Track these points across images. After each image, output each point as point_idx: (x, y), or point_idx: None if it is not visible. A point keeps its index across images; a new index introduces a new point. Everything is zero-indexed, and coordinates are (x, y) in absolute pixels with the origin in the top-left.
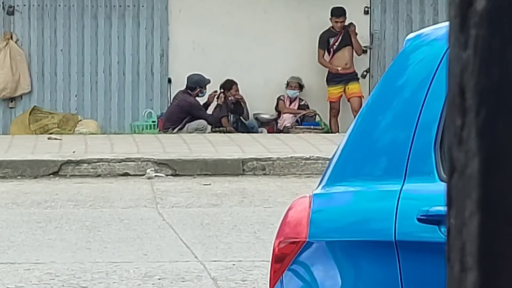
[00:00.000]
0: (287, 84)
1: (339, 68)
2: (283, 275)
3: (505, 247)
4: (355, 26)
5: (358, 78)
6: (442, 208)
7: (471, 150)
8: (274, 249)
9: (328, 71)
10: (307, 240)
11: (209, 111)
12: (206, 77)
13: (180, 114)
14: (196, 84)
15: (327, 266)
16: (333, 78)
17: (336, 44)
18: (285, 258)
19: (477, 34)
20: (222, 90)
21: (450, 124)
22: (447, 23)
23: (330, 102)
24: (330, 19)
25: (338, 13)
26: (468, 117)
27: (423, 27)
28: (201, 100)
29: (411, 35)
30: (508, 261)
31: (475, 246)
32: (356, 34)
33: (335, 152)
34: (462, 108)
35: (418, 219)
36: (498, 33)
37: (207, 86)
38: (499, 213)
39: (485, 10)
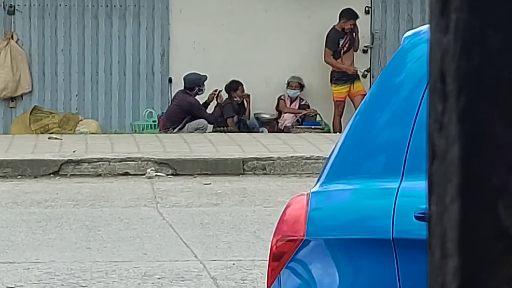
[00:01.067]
0: (288, 84)
1: (358, 68)
2: (281, 273)
3: (486, 233)
4: (357, 26)
5: (359, 77)
6: None
7: (451, 135)
8: (271, 247)
9: (333, 70)
10: (305, 238)
11: (209, 110)
12: (202, 74)
13: (180, 114)
14: (193, 84)
15: (325, 264)
16: (341, 77)
17: (346, 46)
18: (282, 256)
19: (457, 18)
20: (221, 90)
21: (431, 110)
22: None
23: (337, 101)
24: (342, 20)
25: (353, 16)
26: (448, 102)
27: None
28: (201, 99)
29: (409, 32)
30: (489, 247)
31: (456, 232)
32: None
33: (333, 150)
34: (443, 93)
35: (416, 217)
36: (479, 17)
37: (205, 83)
38: (480, 199)
39: None
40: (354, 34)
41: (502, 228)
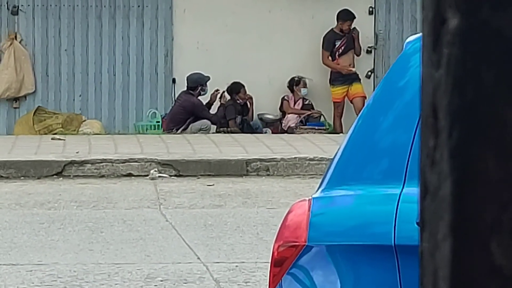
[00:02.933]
0: (299, 83)
1: (354, 69)
2: (282, 279)
3: (479, 272)
4: (358, 31)
5: (360, 79)
6: None
7: (443, 171)
8: (273, 253)
9: (331, 72)
10: (307, 244)
11: (213, 110)
12: (205, 74)
13: (184, 115)
14: (196, 83)
15: (327, 270)
16: (338, 78)
17: (342, 47)
18: (284, 262)
19: (449, 53)
20: (223, 91)
21: (423, 145)
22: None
23: (335, 102)
24: (339, 22)
25: (349, 17)
26: (440, 138)
27: None
28: (204, 99)
29: (411, 37)
30: (482, 286)
31: (448, 270)
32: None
33: (335, 155)
34: (434, 128)
35: (418, 223)
36: (471, 52)
37: (207, 83)
38: (472, 237)
39: (458, 29)
40: (352, 35)
41: (495, 266)
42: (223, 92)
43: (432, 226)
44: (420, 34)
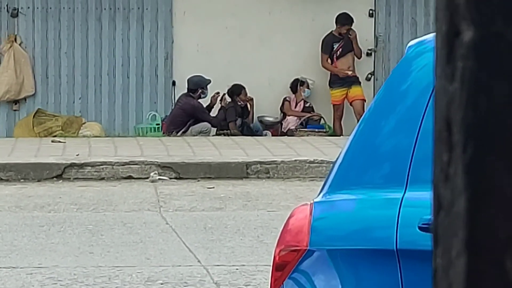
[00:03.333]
0: (302, 84)
1: (350, 73)
2: (284, 283)
3: None
4: (355, 32)
5: (360, 82)
6: None
7: (457, 187)
8: (274, 257)
9: (330, 74)
10: (308, 248)
11: (213, 113)
12: (206, 77)
13: (184, 117)
14: (197, 85)
15: (328, 274)
16: (336, 81)
17: (340, 50)
18: (286, 266)
19: (464, 66)
20: (223, 93)
21: (436, 159)
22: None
23: (334, 104)
24: (337, 25)
25: (347, 21)
26: (454, 153)
27: (428, 30)
28: (204, 102)
29: (413, 41)
30: None
31: (462, 287)
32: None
33: (337, 159)
34: (448, 142)
35: (420, 228)
36: (486, 66)
37: (208, 87)
38: (486, 253)
39: (472, 42)
40: (350, 39)
41: (510, 282)
42: (224, 94)
43: (446, 242)
44: (421, 38)
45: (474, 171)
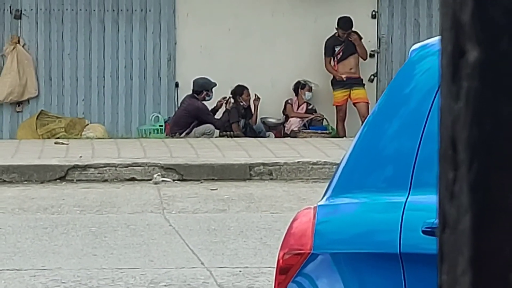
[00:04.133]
0: (303, 87)
1: (344, 77)
2: (288, 287)
3: None
4: (357, 34)
5: (364, 84)
6: None
7: (463, 205)
8: (278, 261)
9: (333, 76)
10: (312, 251)
11: (217, 116)
12: (212, 80)
13: (188, 119)
14: (202, 87)
15: (332, 278)
16: (338, 82)
17: (341, 53)
18: (289, 270)
19: (469, 85)
20: (230, 96)
21: (441, 177)
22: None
23: (336, 106)
24: (338, 29)
25: (345, 26)
26: (460, 171)
27: (431, 31)
28: (209, 105)
29: (417, 45)
30: None
31: None
32: (361, 38)
33: (341, 162)
34: (454, 161)
35: (423, 231)
36: (491, 85)
37: (213, 90)
38: (491, 272)
39: (478, 61)
40: (351, 41)
41: None
42: (229, 98)
43: (451, 259)
44: (425, 42)
45: (479, 189)
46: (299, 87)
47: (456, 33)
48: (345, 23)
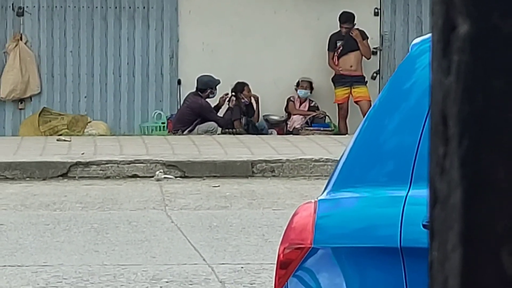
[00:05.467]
0: (298, 84)
1: (341, 69)
2: (288, 281)
3: (489, 282)
4: (358, 30)
5: (366, 82)
6: None
7: (453, 180)
8: (279, 255)
9: (334, 73)
10: (312, 246)
11: (220, 113)
12: (216, 77)
13: (191, 116)
14: (206, 85)
15: (332, 272)
16: (339, 79)
17: (341, 48)
18: (290, 264)
19: (460, 59)
20: (233, 94)
21: (432, 153)
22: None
23: (338, 104)
24: (340, 24)
25: (343, 19)
26: (450, 146)
27: None
28: (212, 102)
29: (417, 39)
30: None
31: (458, 280)
32: (367, 38)
33: (341, 157)
34: (444, 136)
35: (424, 226)
36: (482, 59)
37: (217, 87)
38: (482, 247)
39: (468, 35)
40: (353, 37)
41: (506, 276)
42: (232, 95)
43: (441, 235)
44: (426, 36)
45: (470, 164)
46: (297, 84)
47: (447, 7)
48: (345, 16)
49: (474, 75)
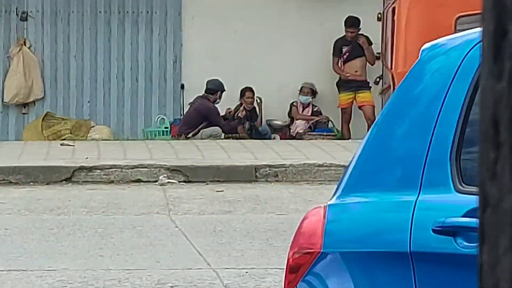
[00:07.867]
0: (300, 90)
1: (348, 75)
2: (298, 286)
3: None
4: (366, 37)
5: (370, 87)
6: (458, 219)
7: (505, 185)
8: (288, 260)
9: (339, 78)
10: (322, 250)
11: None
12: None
13: (198, 119)
14: (218, 87)
15: (342, 277)
16: (343, 84)
17: (347, 54)
18: (299, 269)
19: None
20: (240, 105)
21: (482, 158)
22: (462, 33)
23: (341, 108)
24: (345, 28)
25: (349, 23)
26: (502, 151)
27: None
28: (220, 111)
29: (427, 44)
30: None
31: (509, 284)
32: (371, 43)
33: (350, 162)
34: (495, 141)
35: (434, 230)
36: None
37: (222, 94)
38: None
39: None
40: (357, 42)
41: None
42: (239, 105)
43: (492, 239)
44: (435, 42)
45: None
46: (300, 90)
47: (498, 13)
48: (350, 21)
49: None
